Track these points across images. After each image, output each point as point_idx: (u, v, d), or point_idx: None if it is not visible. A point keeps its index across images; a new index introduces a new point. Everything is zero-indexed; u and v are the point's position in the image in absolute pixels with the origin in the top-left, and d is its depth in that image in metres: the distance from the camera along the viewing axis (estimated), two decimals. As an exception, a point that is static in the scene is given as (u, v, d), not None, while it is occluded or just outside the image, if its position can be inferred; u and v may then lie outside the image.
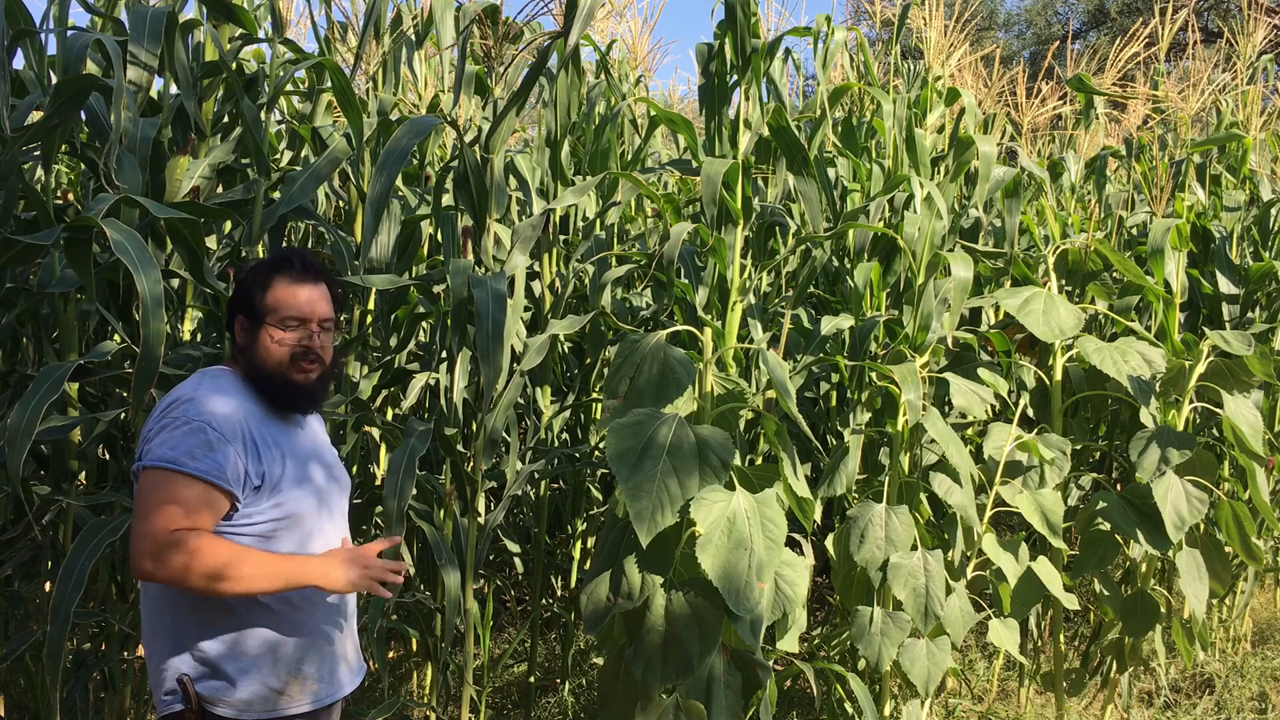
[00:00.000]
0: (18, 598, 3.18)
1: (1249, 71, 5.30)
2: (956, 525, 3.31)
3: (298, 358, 2.11)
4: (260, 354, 2.09)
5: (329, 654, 2.10)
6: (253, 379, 2.10)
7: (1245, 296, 4.69)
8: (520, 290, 3.16)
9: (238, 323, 2.14)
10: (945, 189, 3.74)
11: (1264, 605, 5.52)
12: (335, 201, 4.00)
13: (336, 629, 2.12)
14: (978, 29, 13.09)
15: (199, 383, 2.07)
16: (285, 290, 2.11)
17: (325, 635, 2.09)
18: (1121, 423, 4.28)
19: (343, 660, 2.15)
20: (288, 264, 2.15)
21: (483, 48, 3.00)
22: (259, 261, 2.27)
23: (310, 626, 2.06)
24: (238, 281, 2.20)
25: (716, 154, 3.14)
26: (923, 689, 3.12)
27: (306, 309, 2.12)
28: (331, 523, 2.14)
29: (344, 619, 2.16)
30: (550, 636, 4.86)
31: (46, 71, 2.84)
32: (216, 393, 2.03)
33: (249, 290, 2.13)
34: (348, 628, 2.17)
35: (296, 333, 2.11)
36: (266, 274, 2.13)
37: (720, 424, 2.72)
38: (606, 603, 2.53)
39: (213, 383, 2.06)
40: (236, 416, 2.01)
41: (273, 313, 2.10)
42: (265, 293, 2.11)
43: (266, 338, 2.09)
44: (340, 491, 2.22)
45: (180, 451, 1.92)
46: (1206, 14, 17.46)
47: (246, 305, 2.12)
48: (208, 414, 1.97)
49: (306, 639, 2.05)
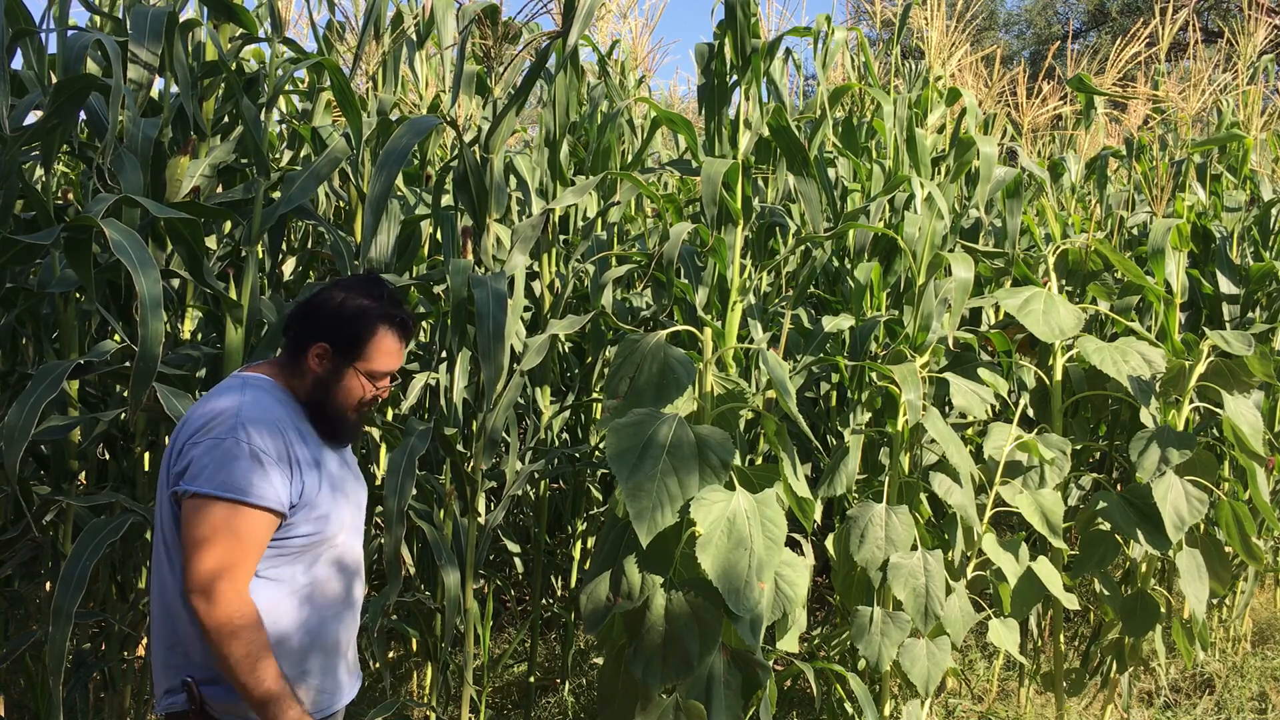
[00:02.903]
0: (18, 598, 3.18)
1: (1249, 71, 5.30)
2: (956, 525, 3.31)
3: (364, 403, 2.11)
4: (336, 392, 2.05)
5: (333, 663, 2.10)
6: (310, 405, 2.07)
7: (1245, 296, 4.69)
8: (520, 290, 3.16)
9: (318, 348, 2.05)
10: (946, 189, 3.74)
11: (1264, 605, 5.52)
12: (335, 201, 4.00)
13: (344, 638, 2.12)
14: (978, 29, 13.08)
15: (241, 396, 1.99)
16: (390, 347, 2.08)
17: (333, 644, 2.09)
18: (1121, 423, 4.28)
19: (344, 667, 2.14)
20: (399, 322, 2.09)
21: (483, 48, 3.00)
22: (360, 296, 2.08)
23: (320, 636, 2.05)
24: (330, 305, 2.06)
25: (716, 154, 3.14)
26: (923, 689, 3.12)
27: (395, 366, 2.11)
28: (355, 535, 2.15)
29: (352, 628, 2.15)
30: (550, 636, 4.86)
31: (46, 71, 2.84)
32: (261, 410, 1.97)
33: (350, 328, 2.04)
34: (352, 636, 2.17)
35: (380, 385, 2.10)
36: (376, 323, 2.06)
37: (720, 424, 2.72)
38: (606, 603, 2.53)
39: (255, 397, 1.99)
40: (282, 437, 1.97)
41: (367, 362, 2.06)
42: (369, 342, 2.05)
43: (352, 381, 2.06)
44: (361, 503, 2.22)
45: (238, 478, 1.87)
46: (1207, 14, 17.46)
47: (341, 341, 2.04)
48: (258, 439, 1.92)
49: (314, 648, 2.04)
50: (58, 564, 2.88)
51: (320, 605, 2.04)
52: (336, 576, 2.08)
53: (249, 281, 2.86)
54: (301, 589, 2.01)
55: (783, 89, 3.82)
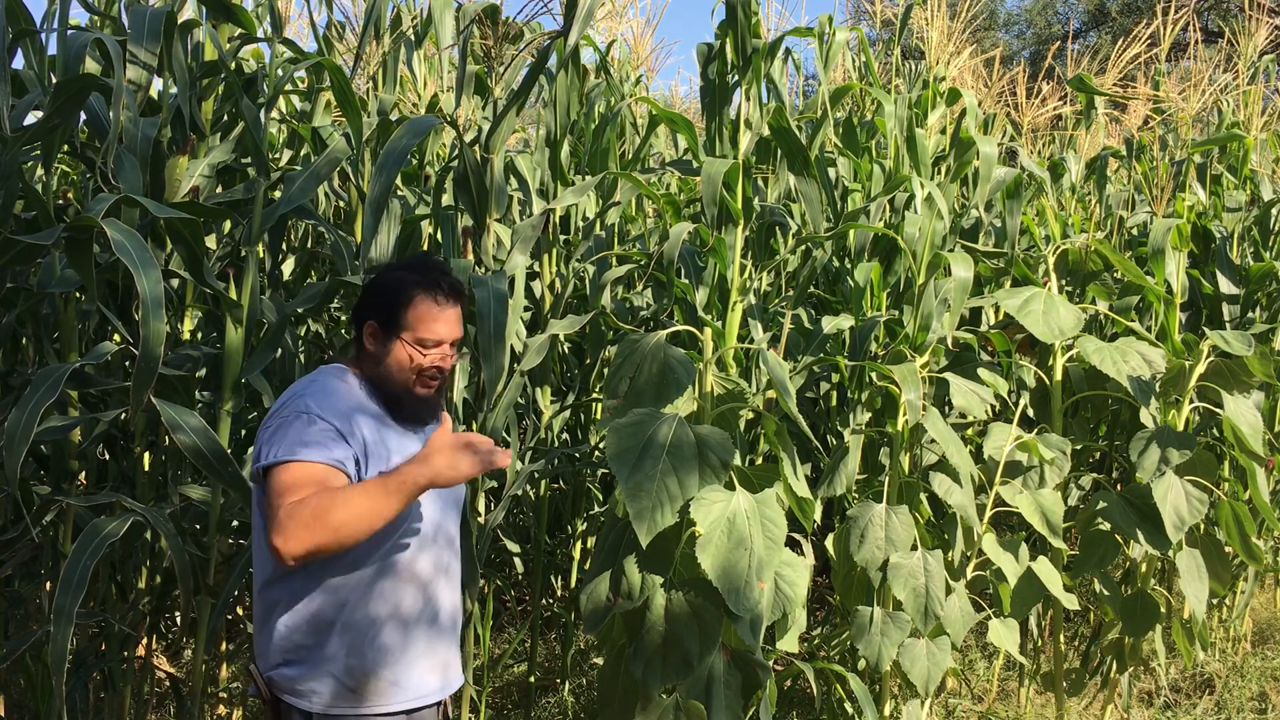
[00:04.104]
0: (18, 598, 3.17)
1: (1250, 72, 5.30)
2: (956, 525, 3.31)
3: (425, 374, 2.12)
4: (389, 365, 2.10)
5: (415, 659, 2.08)
6: (376, 384, 2.12)
7: (1246, 297, 4.69)
8: (520, 290, 3.16)
9: (368, 328, 2.13)
10: (946, 189, 3.74)
11: (1264, 605, 5.52)
12: (335, 201, 4.00)
13: (427, 634, 2.11)
14: (978, 29, 13.10)
15: (313, 379, 2.10)
16: (428, 312, 2.11)
17: (412, 639, 2.07)
18: (1121, 423, 4.28)
19: (430, 663, 2.12)
20: (434, 285, 2.13)
21: (483, 48, 3.00)
22: (400, 269, 2.19)
23: (387, 645, 2.04)
24: (374, 283, 2.17)
25: (717, 154, 3.14)
26: (923, 689, 3.12)
27: (445, 333, 2.13)
28: (439, 532, 2.14)
29: (436, 624, 2.14)
30: (550, 636, 4.86)
31: (46, 71, 2.84)
32: (329, 389, 2.05)
33: (388, 299, 2.12)
34: (442, 634, 2.16)
35: (431, 353, 2.11)
36: (410, 289, 2.11)
37: (720, 424, 2.72)
38: (606, 603, 2.53)
39: (326, 380, 2.08)
40: (347, 412, 2.02)
41: (410, 330, 2.10)
42: (407, 309, 2.10)
43: (400, 352, 2.10)
44: (452, 503, 2.21)
45: (294, 443, 1.94)
46: (1207, 14, 17.46)
47: (382, 313, 2.11)
48: (318, 407, 1.99)
49: (387, 639, 2.04)
50: (58, 564, 2.87)
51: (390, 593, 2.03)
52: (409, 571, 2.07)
53: (249, 281, 2.86)
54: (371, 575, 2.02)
55: (783, 89, 3.81)
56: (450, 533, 2.20)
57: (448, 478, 1.92)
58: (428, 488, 1.92)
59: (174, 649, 3.99)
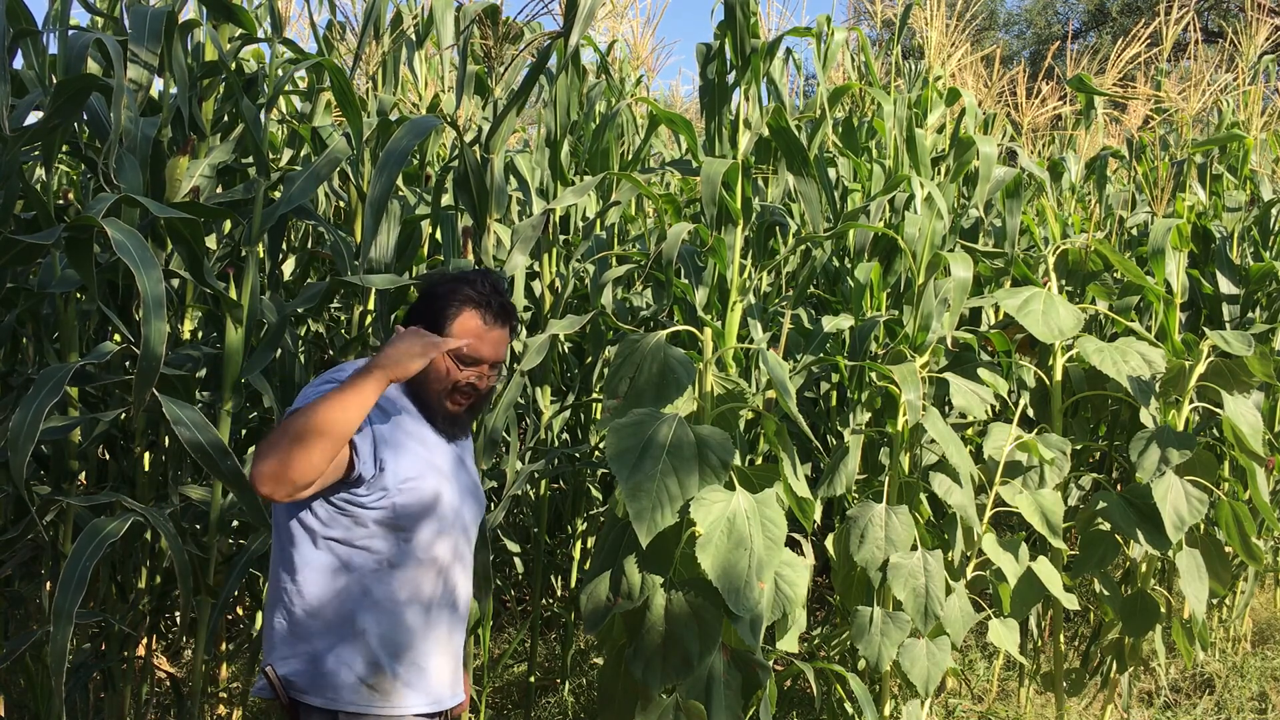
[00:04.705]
0: (18, 598, 3.18)
1: (1250, 72, 5.30)
2: (956, 525, 3.31)
3: (459, 390, 2.11)
4: (425, 373, 2.06)
5: (426, 663, 2.08)
6: (410, 389, 2.11)
7: (1246, 297, 4.69)
8: (520, 290, 3.17)
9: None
10: (945, 189, 3.74)
11: (1264, 605, 5.52)
12: (335, 201, 4.00)
13: (449, 620, 2.12)
14: (978, 29, 13.09)
15: (343, 366, 2.10)
16: (475, 329, 2.09)
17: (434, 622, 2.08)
18: (1121, 423, 4.28)
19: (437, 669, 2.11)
20: (486, 304, 2.11)
21: (483, 48, 3.00)
22: (457, 280, 2.16)
23: (409, 628, 2.05)
24: (429, 288, 2.16)
25: (716, 154, 3.14)
26: (923, 689, 3.12)
27: (487, 353, 2.12)
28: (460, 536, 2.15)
29: (455, 611, 2.14)
30: (550, 636, 4.86)
31: (47, 71, 2.84)
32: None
33: (438, 305, 2.10)
34: (460, 622, 2.16)
35: (469, 371, 2.11)
36: (461, 302, 2.10)
37: (720, 424, 2.72)
38: (606, 603, 2.53)
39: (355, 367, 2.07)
40: (384, 409, 2.04)
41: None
42: (454, 321, 2.09)
43: (438, 362, 2.07)
44: (470, 493, 2.22)
45: (304, 398, 1.97)
46: (1207, 14, 17.46)
47: (429, 320, 2.09)
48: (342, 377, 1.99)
49: (403, 639, 2.04)
50: (58, 564, 2.87)
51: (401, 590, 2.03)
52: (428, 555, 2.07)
53: (249, 281, 2.86)
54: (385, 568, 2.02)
55: (783, 89, 3.81)
56: (466, 521, 2.19)
57: (393, 358, 1.92)
58: (377, 376, 1.90)
59: (174, 649, 3.98)
